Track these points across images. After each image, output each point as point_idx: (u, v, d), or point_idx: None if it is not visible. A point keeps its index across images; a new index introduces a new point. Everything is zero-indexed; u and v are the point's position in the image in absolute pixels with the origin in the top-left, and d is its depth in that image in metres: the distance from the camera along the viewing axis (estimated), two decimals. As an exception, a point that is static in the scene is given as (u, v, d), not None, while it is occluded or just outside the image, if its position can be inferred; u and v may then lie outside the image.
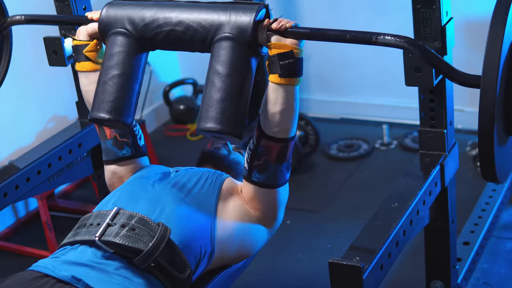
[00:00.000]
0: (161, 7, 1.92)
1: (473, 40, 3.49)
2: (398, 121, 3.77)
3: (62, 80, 3.36)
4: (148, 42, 1.94)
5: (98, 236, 1.75)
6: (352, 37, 1.81)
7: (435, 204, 2.15)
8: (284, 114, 1.83)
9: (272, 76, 1.82)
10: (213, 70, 1.83)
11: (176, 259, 1.78)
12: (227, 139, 1.87)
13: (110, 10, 1.96)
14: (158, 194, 1.91)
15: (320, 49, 3.85)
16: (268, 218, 1.97)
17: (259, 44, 1.84)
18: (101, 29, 1.96)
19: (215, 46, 1.85)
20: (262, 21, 1.83)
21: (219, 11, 1.86)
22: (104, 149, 2.10)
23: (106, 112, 1.88)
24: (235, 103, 1.80)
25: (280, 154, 1.88)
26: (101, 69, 1.93)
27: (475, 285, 2.56)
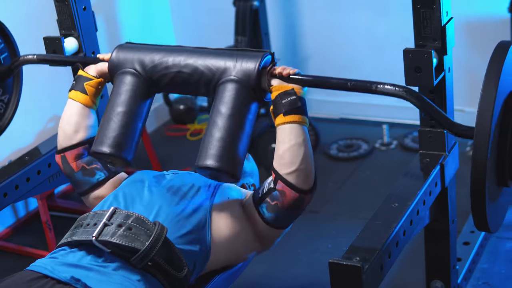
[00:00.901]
0: (170, 51, 2.01)
1: (473, 40, 3.49)
2: (398, 121, 3.77)
3: (62, 80, 3.35)
4: (155, 84, 2.01)
5: (95, 236, 1.75)
6: (352, 86, 1.90)
7: (435, 204, 2.15)
8: (294, 151, 1.85)
9: (277, 119, 1.87)
10: (216, 110, 1.89)
11: (173, 258, 1.78)
12: (224, 178, 1.88)
13: (120, 52, 2.05)
14: (154, 197, 1.91)
15: (320, 49, 3.86)
16: (263, 243, 1.99)
17: (263, 90, 1.91)
18: (110, 69, 2.04)
19: (220, 88, 1.92)
20: (267, 67, 1.90)
21: (226, 56, 1.94)
22: (75, 182, 2.08)
23: (108, 147, 1.94)
24: (235, 143, 1.85)
25: (293, 205, 1.89)
26: (107, 105, 2.00)
27: (475, 285, 2.56)
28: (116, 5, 3.79)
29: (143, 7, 3.98)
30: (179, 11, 4.14)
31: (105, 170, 2.07)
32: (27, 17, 3.20)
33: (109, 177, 2.07)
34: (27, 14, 3.21)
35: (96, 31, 2.59)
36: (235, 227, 1.93)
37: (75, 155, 2.06)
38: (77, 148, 2.06)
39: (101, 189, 2.06)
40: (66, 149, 2.06)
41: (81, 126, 2.06)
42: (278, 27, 3.89)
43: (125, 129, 1.96)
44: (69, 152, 2.06)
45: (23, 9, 3.19)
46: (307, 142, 1.87)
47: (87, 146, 2.07)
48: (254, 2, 3.46)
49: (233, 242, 1.93)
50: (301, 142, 1.85)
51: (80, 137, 2.06)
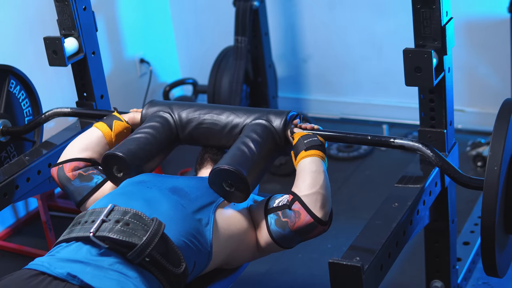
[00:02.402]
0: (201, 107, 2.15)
1: (473, 40, 3.49)
2: (398, 121, 3.77)
3: (62, 80, 3.35)
4: (181, 136, 2.15)
5: (93, 232, 1.76)
6: (372, 139, 2.08)
7: (435, 204, 2.15)
8: (315, 176, 1.91)
9: (299, 156, 1.96)
10: (246, 134, 2.02)
11: (170, 253, 1.78)
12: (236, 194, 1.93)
13: (152, 106, 2.20)
14: (155, 196, 1.91)
15: (320, 49, 3.86)
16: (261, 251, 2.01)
17: (286, 140, 2.04)
18: (143, 116, 2.18)
19: (250, 124, 2.07)
20: (292, 120, 2.07)
21: (257, 112, 2.09)
22: (72, 191, 2.10)
23: (121, 152, 2.03)
24: (256, 163, 1.95)
25: (303, 230, 1.91)
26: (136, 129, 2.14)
27: (475, 285, 2.56)
28: (116, 5, 3.79)
29: (143, 7, 3.98)
30: (179, 11, 4.14)
31: (102, 174, 2.10)
32: (27, 17, 3.20)
33: (106, 179, 2.09)
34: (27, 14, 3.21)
35: (96, 31, 2.59)
36: (238, 231, 1.93)
37: (73, 167, 2.10)
38: (78, 162, 2.11)
39: (99, 192, 2.08)
40: (67, 161, 2.11)
41: (92, 148, 2.14)
42: (278, 27, 3.89)
43: (144, 146, 2.07)
44: (68, 163, 2.10)
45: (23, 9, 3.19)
46: (326, 175, 1.95)
47: (88, 164, 2.12)
48: (254, 2, 3.46)
49: (234, 245, 1.93)
50: (320, 171, 1.93)
51: (86, 154, 2.13)
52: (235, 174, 1.88)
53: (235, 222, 1.93)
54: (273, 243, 1.95)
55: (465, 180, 1.92)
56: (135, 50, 3.88)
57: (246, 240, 1.95)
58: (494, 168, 1.74)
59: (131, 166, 2.03)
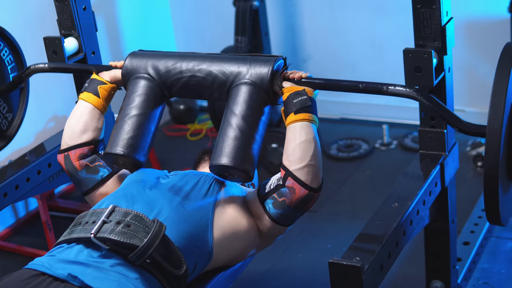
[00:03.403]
0: (183, 57, 2.05)
1: (473, 40, 3.49)
2: (398, 121, 3.77)
3: (62, 80, 3.36)
4: (168, 88, 2.06)
5: (94, 233, 1.75)
6: (364, 88, 1.94)
7: (435, 204, 2.15)
8: (304, 147, 1.87)
9: (288, 118, 1.91)
10: (230, 111, 1.93)
11: (171, 255, 1.78)
12: (238, 177, 1.92)
13: (133, 58, 2.09)
14: (155, 197, 1.91)
15: (320, 49, 3.86)
16: (264, 239, 2.00)
17: (275, 93, 1.96)
18: (124, 75, 2.09)
19: (234, 90, 1.96)
20: (280, 70, 1.96)
21: (239, 61, 1.99)
22: (79, 181, 2.09)
23: (121, 148, 1.99)
24: (249, 143, 1.90)
25: (301, 202, 1.90)
26: (120, 109, 2.04)
27: (475, 285, 2.56)
28: (116, 5, 3.79)
29: (143, 7, 3.98)
30: (179, 11, 4.14)
31: (108, 167, 2.08)
32: (27, 17, 3.20)
33: (112, 173, 2.08)
34: (27, 14, 3.21)
35: (96, 31, 2.59)
36: (238, 226, 1.93)
37: (79, 155, 2.07)
38: (82, 148, 2.07)
39: (105, 186, 2.07)
40: (71, 148, 2.07)
41: (90, 127, 2.08)
42: (278, 27, 3.89)
43: (139, 132, 2.00)
44: (73, 151, 2.07)
45: (23, 9, 3.19)
46: (316, 140, 1.90)
47: (91, 147, 2.08)
48: (254, 2, 3.46)
49: (235, 241, 1.93)
50: (311, 139, 1.88)
51: (87, 137, 2.08)
52: (234, 168, 1.88)
53: (235, 218, 1.93)
54: (275, 225, 1.94)
55: (467, 127, 1.86)
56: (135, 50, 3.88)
57: (248, 233, 1.95)
58: (497, 113, 1.68)
59: (136, 160, 2.01)
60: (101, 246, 1.75)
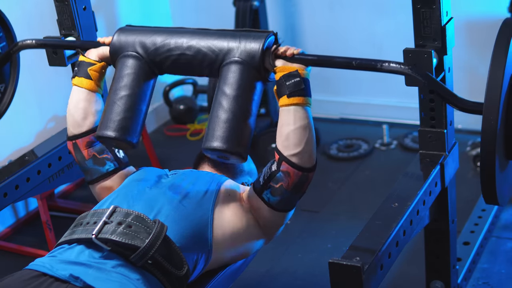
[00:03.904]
0: (172, 33, 1.99)
1: (473, 40, 3.49)
2: (398, 121, 3.77)
3: (62, 80, 3.35)
4: (157, 66, 2.00)
5: (95, 234, 1.76)
6: (358, 64, 1.90)
7: (435, 204, 2.15)
8: (298, 133, 1.85)
9: (281, 100, 1.86)
10: (220, 92, 1.88)
11: (173, 255, 1.78)
12: (232, 159, 1.89)
13: (121, 35, 2.03)
14: (155, 196, 1.91)
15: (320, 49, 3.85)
16: (267, 232, 2.00)
17: (267, 70, 1.90)
18: (112, 53, 2.03)
19: (224, 69, 1.91)
20: (271, 47, 1.90)
21: (229, 37, 1.92)
22: (85, 170, 2.09)
23: (113, 131, 1.94)
24: (241, 124, 1.85)
25: (298, 184, 1.89)
26: (110, 89, 1.99)
27: (475, 285, 2.56)
28: (116, 5, 3.79)
29: (143, 7, 3.98)
30: (179, 11, 4.14)
31: (115, 161, 2.08)
32: (27, 17, 3.20)
33: (118, 169, 2.08)
34: (27, 14, 3.21)
35: (96, 31, 2.59)
36: (238, 224, 1.93)
37: (86, 143, 2.06)
38: (87, 136, 2.07)
39: (109, 180, 2.07)
40: (77, 137, 2.07)
41: (89, 112, 2.07)
42: (278, 27, 3.89)
43: (129, 113, 1.96)
44: (80, 139, 2.07)
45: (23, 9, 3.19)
46: (310, 124, 1.88)
47: None
48: (254, 2, 3.46)
49: (236, 239, 1.93)
50: (305, 124, 1.86)
51: (89, 123, 2.07)
52: (226, 151, 1.84)
53: (234, 216, 1.93)
54: (275, 213, 1.94)
55: (462, 103, 1.84)
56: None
57: (248, 229, 1.95)
58: (494, 89, 1.65)
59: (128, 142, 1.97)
60: (102, 247, 1.75)
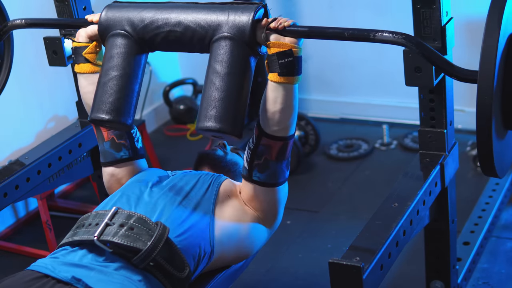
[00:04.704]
0: (160, 9, 1.93)
1: (473, 40, 3.49)
2: (398, 121, 3.77)
3: (62, 80, 3.36)
4: (147, 44, 1.95)
5: (97, 235, 1.75)
6: (350, 35, 1.81)
7: (435, 204, 2.15)
8: (284, 112, 1.84)
9: (271, 75, 1.82)
10: (212, 70, 1.84)
11: (175, 258, 1.78)
12: (227, 138, 1.87)
13: (109, 12, 1.98)
14: (156, 197, 1.91)
15: (319, 49, 3.86)
16: (268, 217, 1.98)
17: (258, 44, 1.85)
18: (100, 31, 1.97)
19: (214, 46, 1.86)
20: (261, 20, 1.84)
21: (218, 11, 1.87)
22: (101, 151, 2.10)
23: (106, 113, 1.89)
24: (234, 102, 1.80)
25: (280, 152, 1.88)
26: (100, 70, 1.94)
27: (475, 285, 2.56)
28: (116, 5, 3.78)
29: (143, 7, 3.97)
30: (179, 11, 4.14)
31: (130, 150, 2.08)
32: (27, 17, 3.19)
33: (132, 158, 2.08)
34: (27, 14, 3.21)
35: (96, 31, 2.58)
36: (239, 222, 1.93)
37: None
38: None
39: (120, 168, 2.07)
40: None
41: None
42: (278, 27, 3.89)
43: (122, 93, 1.91)
44: None
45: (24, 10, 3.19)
46: (296, 103, 1.85)
47: None
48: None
49: (238, 237, 1.93)
50: (291, 104, 1.84)
51: None
52: (219, 131, 1.80)
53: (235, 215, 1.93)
54: (270, 189, 1.93)
55: (459, 72, 1.80)
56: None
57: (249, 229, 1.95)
58: (488, 57, 1.61)
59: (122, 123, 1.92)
60: (104, 249, 1.75)
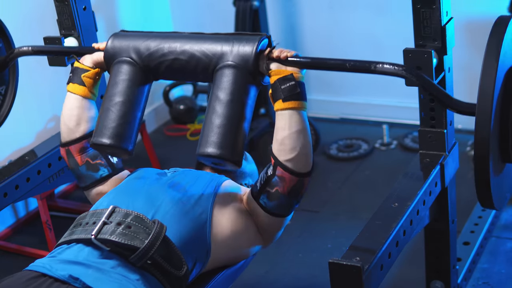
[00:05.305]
0: (165, 38, 1.98)
1: (473, 40, 3.49)
2: (398, 121, 3.77)
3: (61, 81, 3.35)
4: (152, 72, 1.99)
5: (94, 234, 1.76)
6: (351, 66, 1.88)
7: (435, 204, 2.15)
8: (295, 138, 1.85)
9: (276, 104, 1.86)
10: (214, 97, 1.87)
11: (172, 256, 1.78)
12: (226, 166, 1.88)
13: (115, 40, 2.03)
14: (155, 193, 1.91)
15: (320, 49, 3.86)
16: (266, 237, 2.00)
17: (261, 74, 1.89)
18: (106, 58, 2.02)
19: (218, 74, 1.90)
20: (264, 50, 1.89)
21: (223, 41, 1.91)
22: (78, 176, 2.09)
23: (108, 138, 1.93)
24: (235, 129, 1.84)
25: (294, 189, 1.89)
26: (104, 96, 1.99)
27: (475, 285, 2.56)
28: (116, 5, 3.79)
29: (143, 7, 3.98)
30: (179, 11, 4.14)
31: (109, 167, 2.08)
32: (27, 17, 3.20)
33: (112, 174, 2.08)
34: (27, 14, 3.21)
35: (96, 31, 2.59)
36: (237, 225, 1.93)
37: (79, 149, 2.06)
38: (80, 142, 2.06)
39: (104, 185, 2.07)
40: (70, 143, 2.07)
41: (82, 118, 2.07)
42: (278, 27, 3.89)
43: (124, 119, 1.95)
44: (73, 146, 2.07)
45: (23, 9, 3.19)
46: (306, 129, 1.87)
47: (90, 139, 2.06)
48: (254, 2, 3.46)
49: (234, 240, 1.93)
50: (301, 129, 1.86)
51: (83, 130, 2.07)
52: (220, 157, 1.83)
53: (233, 216, 1.93)
54: (273, 218, 1.94)
55: (457, 105, 1.82)
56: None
57: (247, 231, 1.95)
58: (487, 90, 1.62)
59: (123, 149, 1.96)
60: (102, 248, 1.75)
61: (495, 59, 1.64)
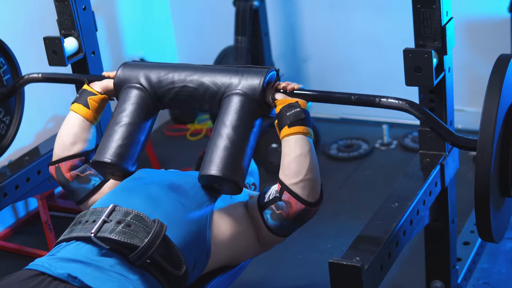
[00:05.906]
0: (175, 68, 2.05)
1: (473, 40, 3.49)
2: (398, 121, 3.77)
3: (62, 80, 3.35)
4: (160, 99, 2.05)
5: (94, 232, 1.76)
6: (356, 99, 1.94)
7: (435, 204, 2.15)
8: (300, 161, 1.86)
9: (282, 131, 1.90)
10: (221, 121, 1.92)
11: (172, 255, 1.78)
12: (227, 188, 1.91)
13: (126, 69, 2.09)
14: (154, 193, 1.91)
15: (320, 49, 3.86)
16: (264, 244, 2.00)
17: (268, 105, 1.94)
18: (116, 85, 2.08)
19: (225, 101, 1.95)
20: (272, 82, 1.94)
21: (231, 73, 1.98)
22: (71, 191, 2.10)
23: (109, 157, 1.97)
24: (238, 154, 1.88)
25: (299, 217, 1.90)
26: (111, 118, 2.03)
27: (475, 285, 2.56)
28: (116, 5, 3.79)
29: (143, 7, 3.98)
30: (179, 11, 4.14)
31: (100, 175, 2.09)
32: (27, 17, 3.20)
33: (104, 181, 2.09)
34: (27, 14, 3.21)
35: (96, 31, 2.59)
36: (237, 227, 1.93)
37: (70, 166, 2.08)
38: (72, 160, 2.08)
39: (98, 193, 2.08)
40: (62, 160, 2.08)
41: (80, 138, 2.09)
42: (278, 27, 3.89)
43: (128, 140, 1.99)
44: (64, 163, 2.08)
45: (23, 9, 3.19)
46: (312, 154, 1.89)
47: (82, 158, 2.09)
48: (254, 2, 3.46)
49: (234, 242, 1.93)
50: (306, 153, 1.88)
51: (77, 149, 2.09)
52: (223, 179, 1.86)
53: (233, 219, 1.93)
54: (273, 235, 1.95)
55: (458, 140, 1.86)
56: (135, 50, 3.88)
57: (246, 235, 1.95)
58: (488, 127, 1.66)
59: (123, 169, 2.00)
60: (101, 246, 1.75)
61: (496, 97, 1.67)
